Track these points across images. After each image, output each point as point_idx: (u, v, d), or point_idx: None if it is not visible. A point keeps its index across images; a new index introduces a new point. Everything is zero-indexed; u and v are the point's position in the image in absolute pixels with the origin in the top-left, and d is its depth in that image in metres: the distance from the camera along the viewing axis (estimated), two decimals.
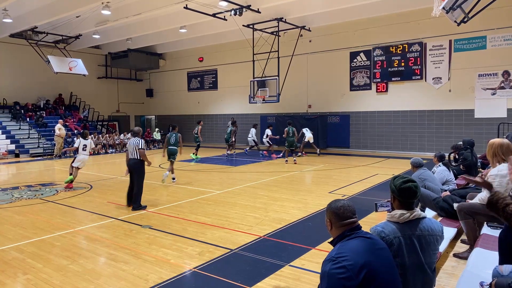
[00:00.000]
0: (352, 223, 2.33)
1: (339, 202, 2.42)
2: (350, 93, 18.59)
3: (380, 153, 17.32)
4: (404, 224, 2.64)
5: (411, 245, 2.59)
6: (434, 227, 2.72)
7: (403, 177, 2.76)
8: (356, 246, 2.17)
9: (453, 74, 15.84)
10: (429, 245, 2.65)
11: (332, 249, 2.26)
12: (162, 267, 4.58)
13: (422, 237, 2.62)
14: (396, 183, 2.72)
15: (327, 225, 2.41)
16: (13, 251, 5.20)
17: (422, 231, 2.64)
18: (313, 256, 4.83)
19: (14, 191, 9.69)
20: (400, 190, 2.68)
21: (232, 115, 22.15)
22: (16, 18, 16.79)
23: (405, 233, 2.60)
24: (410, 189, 2.66)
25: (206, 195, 8.77)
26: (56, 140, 17.57)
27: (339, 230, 2.33)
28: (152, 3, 15.05)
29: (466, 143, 8.16)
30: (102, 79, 25.21)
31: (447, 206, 5.33)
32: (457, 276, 4.05)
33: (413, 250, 2.59)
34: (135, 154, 7.64)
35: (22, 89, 21.34)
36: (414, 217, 2.65)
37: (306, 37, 18.92)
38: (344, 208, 2.35)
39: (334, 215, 2.36)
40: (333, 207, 2.39)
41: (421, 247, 2.61)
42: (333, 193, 8.73)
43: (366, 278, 2.05)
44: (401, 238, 2.57)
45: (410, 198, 2.68)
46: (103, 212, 7.30)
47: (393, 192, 2.73)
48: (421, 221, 2.68)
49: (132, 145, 7.69)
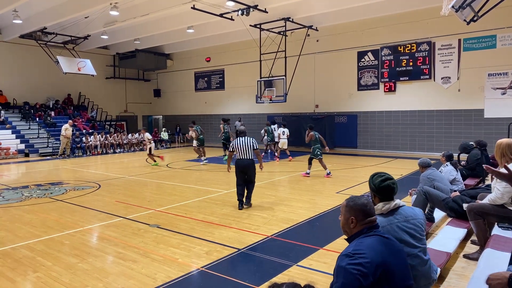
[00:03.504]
0: (374, 221, 2.30)
1: (363, 198, 2.34)
2: (358, 92, 18.50)
3: (387, 153, 17.20)
4: (388, 213, 2.73)
5: (398, 232, 2.68)
6: (416, 212, 2.85)
7: (381, 175, 2.83)
8: (374, 244, 2.13)
9: (462, 73, 15.67)
10: (416, 229, 2.75)
11: (348, 245, 2.22)
12: (170, 266, 4.59)
13: (407, 222, 2.73)
14: (376, 182, 2.79)
15: (349, 223, 2.30)
16: (23, 249, 5.26)
17: (406, 217, 2.75)
18: (320, 256, 4.81)
19: (24, 190, 9.80)
20: (380, 189, 2.76)
21: (239, 115, 22.18)
22: (25, 19, 17.01)
23: (391, 221, 2.69)
24: (389, 186, 2.75)
25: (214, 194, 8.79)
26: (61, 140, 17.69)
27: (359, 227, 2.26)
28: (159, 4, 15.13)
29: (477, 144, 8.06)
30: (110, 79, 25.40)
31: (457, 206, 5.27)
32: (467, 277, 4.01)
33: (403, 236, 2.69)
34: (250, 154, 7.36)
35: (31, 89, 21.59)
36: (395, 206, 2.75)
37: (314, 36, 18.87)
38: (369, 205, 2.31)
39: (361, 212, 2.27)
40: (359, 204, 2.29)
41: (409, 232, 2.71)
42: (340, 193, 8.69)
43: (381, 277, 2.02)
44: (388, 227, 2.66)
45: (389, 195, 2.77)
46: (111, 211, 7.35)
47: (373, 190, 2.80)
48: (401, 208, 2.78)
49: (245, 145, 7.34)
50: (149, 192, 9.24)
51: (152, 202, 8.03)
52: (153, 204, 7.84)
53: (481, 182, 7.84)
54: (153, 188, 9.83)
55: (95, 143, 19.33)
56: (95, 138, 19.42)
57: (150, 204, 7.89)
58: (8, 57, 20.54)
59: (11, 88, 20.81)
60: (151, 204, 7.84)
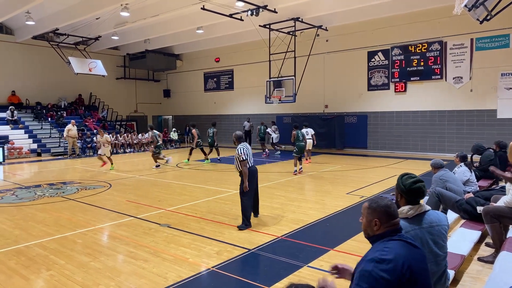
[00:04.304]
0: (397, 223, 2.21)
1: (386, 200, 2.25)
2: (368, 93, 18.36)
3: (398, 154, 17.04)
4: (413, 218, 2.66)
5: (423, 238, 2.61)
6: (441, 218, 2.77)
7: (411, 176, 2.78)
8: (399, 249, 2.06)
9: (475, 73, 15.45)
10: (439, 236, 2.68)
11: (373, 248, 2.15)
12: (181, 265, 4.61)
13: (431, 228, 2.65)
14: (406, 182, 2.73)
15: (372, 225, 2.20)
16: (37, 248, 5.33)
17: (431, 223, 2.67)
18: (331, 257, 4.78)
19: (36, 189, 9.94)
20: (410, 191, 2.70)
21: (248, 115, 22.19)
22: (38, 21, 17.25)
23: (415, 227, 2.63)
24: (420, 189, 2.70)
25: (223, 194, 8.79)
26: (67, 140, 17.77)
27: (382, 230, 2.18)
28: (169, 5, 15.21)
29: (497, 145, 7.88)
30: (121, 79, 25.62)
31: (471, 208, 5.19)
32: (482, 280, 3.95)
33: (425, 243, 2.62)
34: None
35: (44, 89, 21.88)
36: (421, 210, 2.68)
37: (323, 36, 18.78)
38: (393, 207, 2.21)
39: (385, 214, 2.18)
40: (382, 206, 2.19)
41: (433, 239, 2.64)
42: (351, 194, 8.63)
43: (406, 284, 1.97)
44: (412, 233, 2.59)
45: (419, 197, 2.71)
46: (123, 211, 7.41)
47: (402, 191, 2.74)
48: (427, 213, 2.71)
49: (250, 150, 6.48)
50: (160, 192, 9.29)
51: (162, 202, 8.07)
52: (163, 204, 7.88)
53: (495, 183, 7.72)
54: (163, 188, 9.87)
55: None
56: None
57: (161, 203, 7.93)
58: (21, 58, 20.86)
59: (24, 88, 21.12)
60: (162, 204, 7.89)
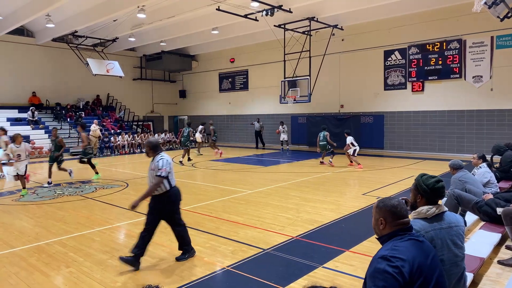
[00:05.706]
0: (406, 223, 2.25)
1: (393, 200, 2.31)
2: (384, 92, 18.13)
3: (415, 154, 16.77)
4: (432, 218, 2.66)
5: (443, 239, 2.60)
6: (458, 219, 2.78)
7: (432, 176, 2.78)
8: (410, 248, 2.10)
9: (495, 72, 15.06)
10: (458, 236, 2.66)
11: (382, 247, 2.19)
12: (196, 264, 4.65)
13: (450, 229, 2.65)
14: (428, 182, 2.73)
15: (378, 224, 2.28)
16: (56, 245, 5.47)
17: (449, 224, 2.67)
18: (346, 258, 4.75)
19: (56, 188, 10.18)
20: (433, 190, 2.70)
21: (262, 115, 22.20)
22: (58, 23, 17.68)
23: (435, 227, 2.62)
24: (443, 188, 2.72)
25: (238, 194, 8.83)
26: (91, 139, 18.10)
27: (391, 229, 2.24)
28: (185, 6, 15.36)
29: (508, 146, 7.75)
30: (137, 80, 26.01)
31: (490, 210, 5.07)
32: (501, 284, 3.85)
33: (445, 244, 2.61)
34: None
35: (63, 90, 22.41)
36: (439, 211, 2.68)
37: (339, 36, 18.63)
38: (400, 207, 2.26)
39: (390, 213, 2.24)
40: (388, 205, 2.27)
41: (452, 239, 2.63)
42: (367, 195, 8.54)
43: (418, 282, 1.99)
44: (432, 233, 2.59)
45: (439, 197, 2.72)
46: (139, 210, 7.47)
47: (424, 191, 2.72)
48: (445, 214, 2.71)
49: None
50: None
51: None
52: None
53: None
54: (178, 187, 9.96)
55: (123, 143, 19.82)
56: (122, 138, 19.92)
57: None
58: (41, 60, 21.40)
59: (44, 89, 21.66)
60: None
